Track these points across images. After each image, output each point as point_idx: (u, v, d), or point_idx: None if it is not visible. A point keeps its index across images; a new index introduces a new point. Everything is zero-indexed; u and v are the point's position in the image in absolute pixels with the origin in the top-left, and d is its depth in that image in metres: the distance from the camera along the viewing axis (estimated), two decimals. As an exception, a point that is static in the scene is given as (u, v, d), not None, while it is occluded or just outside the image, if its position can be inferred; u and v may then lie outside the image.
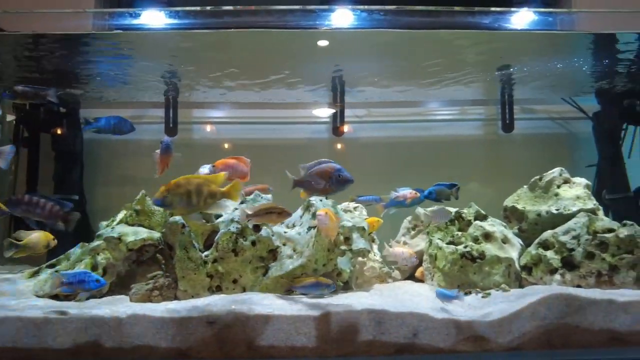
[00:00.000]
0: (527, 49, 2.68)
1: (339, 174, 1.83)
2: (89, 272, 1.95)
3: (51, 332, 1.76)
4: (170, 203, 1.77)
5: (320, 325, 1.80)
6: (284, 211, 1.95)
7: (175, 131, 3.37)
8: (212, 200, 1.80)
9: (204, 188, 1.79)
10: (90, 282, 1.89)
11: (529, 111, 3.52)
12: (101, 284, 1.92)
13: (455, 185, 2.32)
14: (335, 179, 1.83)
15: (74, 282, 1.88)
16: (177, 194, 1.76)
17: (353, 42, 2.52)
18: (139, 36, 2.29)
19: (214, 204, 1.82)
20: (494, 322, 1.84)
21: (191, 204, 1.77)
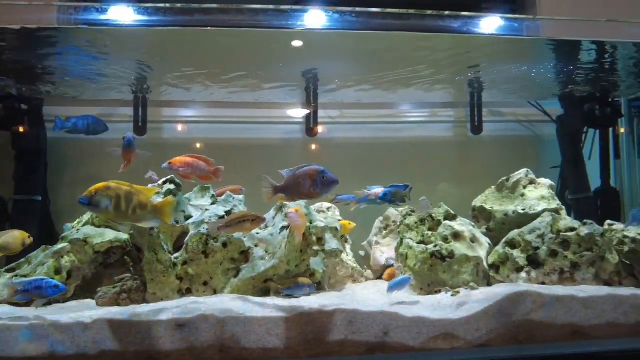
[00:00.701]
0: (495, 53, 2.75)
1: (324, 176, 1.81)
2: (47, 278, 1.88)
3: (10, 340, 1.69)
4: (97, 204, 1.71)
5: (292, 326, 1.79)
6: (257, 217, 1.92)
7: (145, 130, 3.29)
8: (141, 211, 1.76)
9: (134, 197, 1.75)
10: (47, 288, 1.83)
11: (496, 114, 3.62)
12: (60, 290, 1.86)
13: (408, 186, 2.35)
14: (320, 182, 1.81)
15: (30, 289, 1.82)
16: (105, 197, 1.71)
17: (326, 43, 2.52)
18: (107, 32, 2.22)
19: (143, 217, 1.78)
20: (462, 319, 1.88)
21: (119, 210, 1.72)
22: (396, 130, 3.67)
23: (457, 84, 3.23)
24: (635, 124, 3.42)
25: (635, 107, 3.41)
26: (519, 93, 3.36)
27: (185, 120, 3.59)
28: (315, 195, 1.86)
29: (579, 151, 3.27)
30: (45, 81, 2.95)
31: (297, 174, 1.81)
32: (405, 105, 3.64)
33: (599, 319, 1.94)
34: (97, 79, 2.94)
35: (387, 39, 2.40)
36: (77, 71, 2.80)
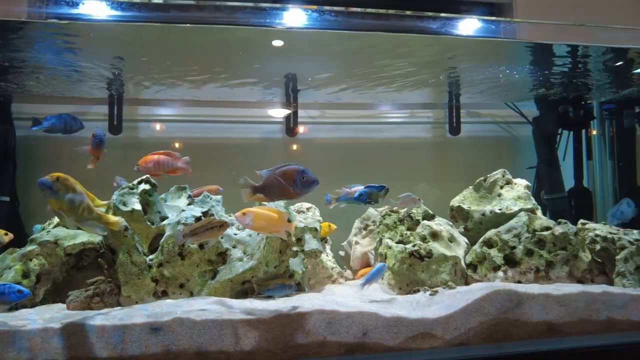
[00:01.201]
0: (474, 55, 2.78)
1: (303, 176, 1.76)
2: (9, 283, 1.82)
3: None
4: (57, 191, 1.67)
5: (270, 328, 1.77)
6: (224, 223, 1.88)
7: (120, 129, 3.21)
8: (88, 215, 1.75)
9: (84, 199, 1.74)
10: (10, 293, 1.77)
11: (474, 115, 3.68)
12: (24, 295, 1.79)
13: (384, 187, 2.34)
14: (300, 181, 1.77)
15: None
16: (65, 187, 1.69)
17: (306, 43, 2.51)
18: (80, 27, 2.14)
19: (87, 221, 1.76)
20: (441, 319, 1.89)
21: (73, 205, 1.70)
22: (376, 130, 3.69)
23: (435, 85, 3.25)
24: (606, 126, 3.52)
25: (606, 110, 3.51)
26: (497, 95, 3.41)
27: (163, 119, 3.52)
28: (294, 196, 1.82)
29: (553, 152, 3.34)
30: (14, 77, 2.85)
31: (275, 173, 1.77)
32: (384, 106, 3.66)
33: (573, 316, 1.99)
34: (70, 76, 2.85)
35: (367, 39, 2.40)
36: (48, 67, 2.70)
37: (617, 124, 3.44)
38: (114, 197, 2.25)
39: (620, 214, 2.36)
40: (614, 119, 3.48)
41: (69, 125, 2.02)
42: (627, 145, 3.42)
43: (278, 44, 2.40)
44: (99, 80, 2.94)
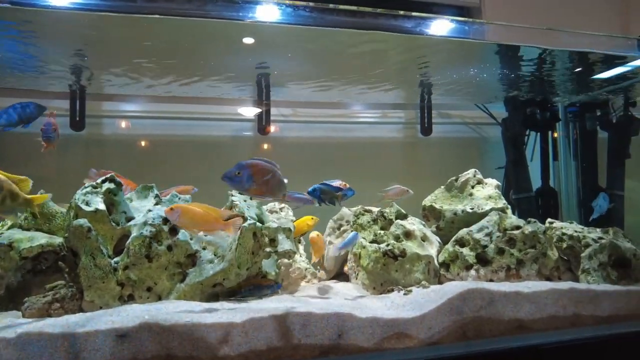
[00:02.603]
0: (446, 56, 2.81)
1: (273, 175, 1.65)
2: None
3: None
4: None
5: (243, 332, 1.71)
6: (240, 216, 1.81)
7: (82, 125, 3.06)
8: (12, 202, 1.64)
9: (3, 185, 1.62)
10: None
11: (445, 116, 3.72)
12: None
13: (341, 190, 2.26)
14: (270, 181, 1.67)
15: None
16: None
17: (279, 39, 2.46)
18: (37, 13, 2.01)
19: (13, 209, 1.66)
20: (415, 318, 1.88)
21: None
22: (348, 130, 3.68)
23: (407, 85, 3.27)
24: (570, 129, 3.64)
25: (570, 113, 3.63)
26: (467, 96, 3.47)
27: (128, 115, 3.38)
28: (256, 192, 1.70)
29: (521, 153, 3.43)
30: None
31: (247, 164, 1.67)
32: (357, 106, 3.65)
33: (541, 313, 2.03)
34: (27, 67, 2.69)
35: (339, 37, 2.38)
36: (2, 57, 2.53)
37: (581, 126, 3.57)
38: (77, 196, 2.13)
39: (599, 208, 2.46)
40: (577, 122, 3.61)
41: (26, 114, 1.88)
42: (589, 147, 3.55)
43: (250, 40, 2.34)
44: (58, 73, 2.78)
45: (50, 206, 2.27)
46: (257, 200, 2.34)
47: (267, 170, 1.64)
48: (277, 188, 1.67)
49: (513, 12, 3.32)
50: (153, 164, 3.25)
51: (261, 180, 1.62)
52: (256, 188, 1.63)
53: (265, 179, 1.63)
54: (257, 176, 1.61)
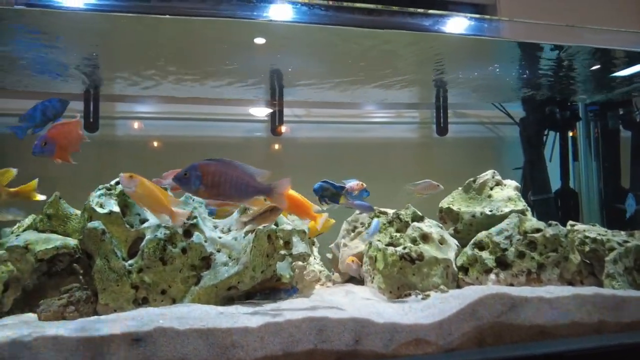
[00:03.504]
0: (462, 54, 2.76)
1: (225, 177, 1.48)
2: None
3: None
4: None
5: (258, 337, 1.68)
6: (274, 207, 1.75)
7: (97, 126, 3.06)
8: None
9: None
10: None
11: (461, 115, 3.65)
12: None
13: (344, 188, 2.13)
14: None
15: None
16: None
17: (293, 38, 2.43)
18: (54, 16, 2.01)
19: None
20: (434, 324, 1.83)
21: None
22: (362, 130, 3.63)
23: (422, 84, 3.22)
24: (591, 128, 3.55)
25: (591, 111, 3.54)
26: (483, 95, 3.40)
27: (141, 116, 3.38)
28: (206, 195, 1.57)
29: (540, 153, 3.35)
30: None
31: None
32: (370, 106, 3.61)
33: (564, 319, 1.96)
34: (42, 69, 2.70)
35: (354, 37, 2.34)
36: (19, 60, 2.54)
37: (602, 125, 3.47)
38: (91, 198, 2.13)
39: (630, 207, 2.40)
40: (598, 121, 3.51)
41: (50, 112, 1.83)
42: (611, 146, 3.45)
43: (262, 40, 2.31)
44: (73, 74, 2.79)
45: (65, 208, 2.26)
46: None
47: (218, 172, 1.48)
48: (232, 192, 1.51)
49: (529, 9, 3.24)
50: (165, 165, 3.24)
51: (211, 182, 1.47)
52: (205, 191, 1.49)
53: (216, 182, 1.48)
54: (207, 178, 1.46)
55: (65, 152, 1.79)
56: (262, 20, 1.90)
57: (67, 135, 1.79)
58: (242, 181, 1.51)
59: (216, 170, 1.48)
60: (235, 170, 1.51)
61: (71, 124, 1.80)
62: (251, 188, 1.52)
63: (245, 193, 1.53)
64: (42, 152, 1.74)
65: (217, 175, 1.48)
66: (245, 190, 1.52)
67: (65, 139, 1.78)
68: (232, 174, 1.50)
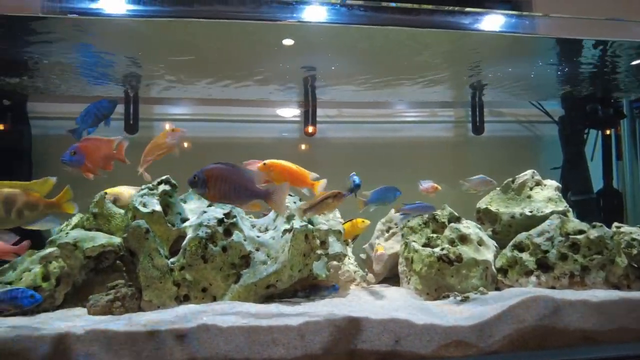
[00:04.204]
0: (499, 51, 2.70)
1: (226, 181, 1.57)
2: (22, 288, 1.78)
3: None
4: None
5: (299, 335, 1.69)
6: (338, 193, 1.80)
7: (136, 128, 3.16)
8: (31, 213, 1.57)
9: (17, 198, 1.56)
10: (23, 298, 1.74)
11: (497, 114, 3.58)
12: (36, 300, 1.76)
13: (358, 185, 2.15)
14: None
15: (5, 299, 1.73)
16: None
17: (326, 39, 2.43)
18: (98, 22, 2.08)
19: (35, 218, 1.60)
20: (475, 326, 1.81)
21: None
22: (394, 130, 3.61)
23: (458, 83, 3.17)
24: (637, 125, 3.41)
25: (636, 108, 3.40)
26: (521, 93, 3.32)
27: (178, 118, 3.46)
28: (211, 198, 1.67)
29: (581, 152, 3.24)
30: (28, 75, 2.80)
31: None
32: (404, 105, 3.58)
33: (612, 324, 1.90)
34: (85, 73, 2.80)
35: (388, 36, 2.33)
36: (63, 64, 2.65)
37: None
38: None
39: None
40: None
41: (102, 112, 1.90)
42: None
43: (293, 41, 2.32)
44: (114, 77, 2.88)
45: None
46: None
47: (221, 176, 1.58)
48: (232, 195, 1.59)
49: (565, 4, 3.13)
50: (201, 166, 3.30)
51: (214, 185, 1.57)
52: (210, 193, 1.59)
53: (218, 185, 1.58)
54: (210, 181, 1.57)
55: (93, 165, 1.82)
56: (300, 22, 1.92)
57: (95, 150, 1.83)
58: (241, 185, 1.59)
59: (219, 175, 1.58)
60: (236, 175, 1.59)
61: (102, 140, 1.85)
62: (249, 192, 1.60)
63: (244, 197, 1.61)
64: (70, 161, 1.78)
65: (220, 179, 1.58)
66: (244, 194, 1.60)
67: (93, 154, 1.82)
68: (233, 178, 1.59)
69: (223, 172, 1.57)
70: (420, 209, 2.23)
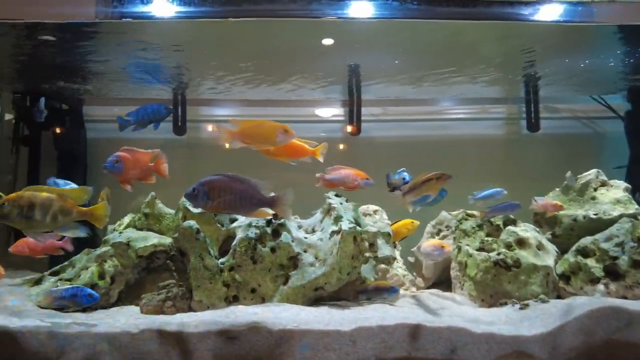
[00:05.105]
0: (555, 43, 2.53)
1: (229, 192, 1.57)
2: (82, 287, 1.89)
3: (58, 348, 1.61)
4: (6, 216, 1.61)
5: (350, 341, 1.64)
6: (442, 175, 1.78)
7: (184, 130, 3.21)
8: (64, 218, 1.63)
9: (53, 203, 1.62)
10: (82, 296, 1.85)
11: (553, 110, 3.37)
12: (94, 299, 1.86)
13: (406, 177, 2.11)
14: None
15: (66, 296, 1.86)
16: (16, 207, 1.61)
17: (373, 35, 2.37)
18: (147, 26, 2.12)
19: (66, 224, 1.66)
20: (537, 336, 1.69)
21: (32, 220, 1.61)
22: (442, 127, 3.48)
23: (510, 77, 3.01)
24: None
25: None
26: (580, 87, 3.11)
27: (222, 119, 3.50)
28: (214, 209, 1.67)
29: (650, 149, 3.00)
30: (84, 80, 2.90)
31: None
32: (451, 102, 3.45)
33: (694, 339, 1.72)
34: (136, 77, 2.88)
35: (437, 30, 2.23)
36: (115, 69, 2.73)
37: None
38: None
39: None
40: None
41: (155, 116, 1.95)
42: None
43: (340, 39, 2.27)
44: (164, 80, 2.94)
45: (160, 207, 2.39)
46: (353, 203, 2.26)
47: (224, 186, 1.58)
48: (238, 204, 1.59)
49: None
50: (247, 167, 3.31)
51: (217, 196, 1.57)
52: (213, 204, 1.58)
53: (222, 196, 1.57)
54: (213, 192, 1.56)
55: (130, 176, 1.84)
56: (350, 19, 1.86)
57: (134, 162, 1.85)
58: (246, 194, 1.59)
59: (221, 185, 1.58)
60: (240, 184, 1.59)
61: (141, 153, 1.87)
62: (255, 200, 1.60)
63: (249, 205, 1.60)
64: (112, 168, 1.83)
65: (223, 190, 1.58)
66: (249, 202, 1.60)
67: (131, 165, 1.84)
68: (237, 188, 1.59)
69: (226, 182, 1.58)
70: (508, 209, 2.12)
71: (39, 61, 2.57)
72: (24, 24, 2.04)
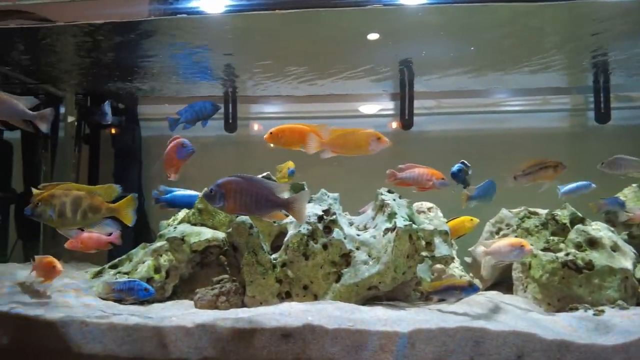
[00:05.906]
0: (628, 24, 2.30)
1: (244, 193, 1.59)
2: (138, 281, 1.97)
3: (116, 339, 1.65)
4: (40, 214, 1.66)
5: (409, 343, 1.57)
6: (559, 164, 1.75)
7: (235, 127, 3.24)
8: (94, 215, 1.68)
9: (83, 201, 1.67)
10: (139, 290, 1.93)
11: (625, 99, 3.10)
12: (149, 294, 1.93)
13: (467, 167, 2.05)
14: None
15: (123, 289, 1.94)
16: (49, 206, 1.66)
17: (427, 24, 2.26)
18: (199, 22, 2.13)
19: (96, 221, 1.71)
20: (617, 346, 1.54)
21: (64, 217, 1.66)
22: (499, 120, 3.30)
23: (576, 65, 2.78)
24: None
25: None
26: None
27: (270, 116, 3.50)
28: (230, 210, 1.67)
29: None
30: (138, 79, 2.98)
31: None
32: (510, 92, 3.25)
33: None
34: (187, 74, 2.92)
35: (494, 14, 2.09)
36: (169, 67, 2.78)
37: None
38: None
39: None
40: None
41: (203, 113, 2.01)
42: None
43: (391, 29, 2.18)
44: (215, 77, 2.98)
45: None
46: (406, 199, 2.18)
47: (239, 188, 1.60)
48: (253, 206, 1.61)
49: None
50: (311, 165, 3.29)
51: (233, 198, 1.59)
52: (228, 206, 1.61)
53: (237, 197, 1.60)
54: (229, 194, 1.59)
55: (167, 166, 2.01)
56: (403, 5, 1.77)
57: (167, 155, 2.02)
58: (261, 196, 1.61)
59: (237, 187, 1.60)
60: (255, 186, 1.61)
61: (170, 148, 2.01)
62: (270, 202, 1.62)
63: (264, 207, 1.63)
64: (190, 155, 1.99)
65: (238, 192, 1.60)
66: (264, 204, 1.62)
67: (166, 157, 2.02)
68: (252, 190, 1.61)
69: (242, 184, 1.61)
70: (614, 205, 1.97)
71: (99, 62, 2.67)
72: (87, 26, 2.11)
